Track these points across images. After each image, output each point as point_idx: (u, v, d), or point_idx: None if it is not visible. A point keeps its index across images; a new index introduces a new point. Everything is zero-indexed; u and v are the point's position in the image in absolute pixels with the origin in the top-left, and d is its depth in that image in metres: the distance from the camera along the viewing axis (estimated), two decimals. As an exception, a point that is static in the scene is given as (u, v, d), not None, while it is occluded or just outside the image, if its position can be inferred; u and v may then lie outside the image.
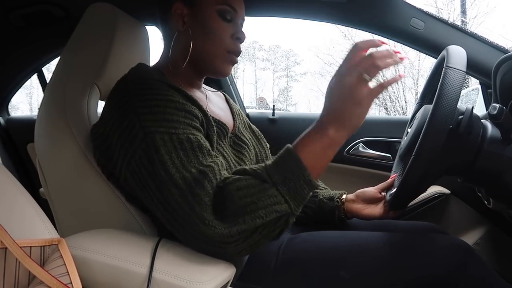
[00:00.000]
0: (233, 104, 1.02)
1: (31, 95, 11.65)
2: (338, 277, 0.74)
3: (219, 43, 0.81)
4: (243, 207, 0.61)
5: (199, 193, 0.61)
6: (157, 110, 0.68)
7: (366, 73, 0.63)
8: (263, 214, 0.60)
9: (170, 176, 0.63)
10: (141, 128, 0.66)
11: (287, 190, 0.62)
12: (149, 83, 0.72)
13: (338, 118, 0.64)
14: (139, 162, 0.66)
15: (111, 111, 0.73)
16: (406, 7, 1.19)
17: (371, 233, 0.84)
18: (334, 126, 0.64)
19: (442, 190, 1.43)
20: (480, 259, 0.74)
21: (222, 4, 0.80)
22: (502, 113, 0.74)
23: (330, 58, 10.92)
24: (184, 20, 0.81)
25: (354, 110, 0.64)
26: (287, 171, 0.63)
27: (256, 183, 0.62)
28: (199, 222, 0.60)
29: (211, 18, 0.80)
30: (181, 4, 0.81)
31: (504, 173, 0.77)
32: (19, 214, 0.62)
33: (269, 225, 0.62)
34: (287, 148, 0.65)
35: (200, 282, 0.59)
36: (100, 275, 0.62)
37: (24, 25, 1.33)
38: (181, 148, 0.65)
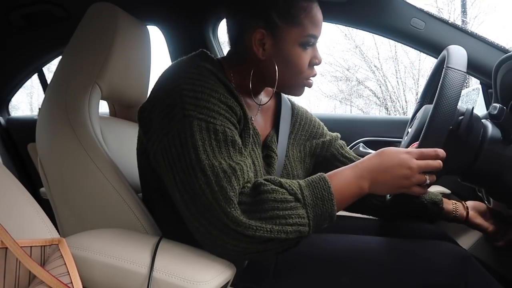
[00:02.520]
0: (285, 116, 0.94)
1: (32, 95, 11.65)
2: (338, 282, 0.74)
3: (299, 74, 0.80)
4: (274, 218, 0.62)
5: (226, 187, 0.62)
6: (201, 96, 0.69)
7: (428, 181, 0.72)
8: (289, 230, 0.63)
9: (199, 161, 0.64)
10: (181, 109, 0.67)
11: (314, 215, 0.65)
12: (201, 70, 0.73)
13: (379, 182, 0.70)
14: (171, 140, 0.67)
15: (158, 89, 0.74)
16: (407, 7, 1.19)
17: (371, 238, 0.84)
18: (370, 184, 0.70)
19: (443, 190, 1.42)
20: (481, 268, 0.74)
21: (306, 36, 0.77)
22: (502, 113, 0.74)
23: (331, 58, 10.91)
24: (263, 48, 0.78)
25: (394, 188, 0.72)
26: (318, 198, 0.65)
27: (290, 200, 0.64)
28: (222, 215, 0.61)
29: (293, 51, 0.77)
30: (263, 32, 0.76)
31: (504, 173, 0.77)
32: (19, 214, 0.62)
33: (286, 242, 0.64)
34: (323, 177, 0.68)
35: (201, 282, 0.59)
36: (101, 275, 0.62)
37: (24, 25, 1.33)
38: (215, 139, 0.66)
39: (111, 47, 0.88)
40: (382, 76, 10.78)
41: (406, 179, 0.70)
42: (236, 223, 0.61)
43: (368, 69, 10.96)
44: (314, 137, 0.98)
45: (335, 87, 12.29)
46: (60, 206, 0.86)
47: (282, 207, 0.63)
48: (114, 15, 0.90)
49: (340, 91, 12.28)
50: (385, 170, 0.70)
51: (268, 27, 0.76)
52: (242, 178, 0.65)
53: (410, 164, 0.69)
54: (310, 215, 0.64)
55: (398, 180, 0.70)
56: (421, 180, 0.70)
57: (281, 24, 0.76)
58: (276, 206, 0.63)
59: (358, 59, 11.09)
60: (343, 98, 12.27)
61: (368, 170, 0.71)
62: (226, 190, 0.62)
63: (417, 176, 0.70)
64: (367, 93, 11.41)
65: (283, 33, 0.76)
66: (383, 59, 10.73)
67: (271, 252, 0.66)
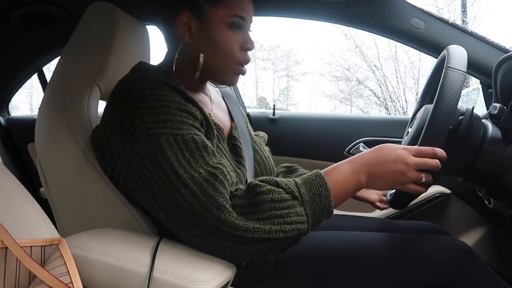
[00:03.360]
0: (231, 101, 0.98)
1: (32, 95, 11.67)
2: (337, 278, 0.74)
3: (229, 57, 0.78)
4: (271, 218, 0.62)
5: (213, 195, 0.62)
6: (160, 111, 0.67)
7: (425, 180, 0.71)
8: (288, 229, 0.62)
9: (178, 177, 0.63)
10: (144, 129, 0.66)
11: (312, 212, 0.64)
12: (150, 83, 0.71)
13: (376, 176, 0.70)
14: (141, 163, 0.66)
15: (112, 112, 0.72)
16: (407, 6, 1.19)
17: (371, 234, 0.84)
18: (367, 178, 0.70)
19: (443, 190, 1.43)
20: (481, 261, 0.74)
21: (232, 16, 0.77)
22: (502, 113, 0.74)
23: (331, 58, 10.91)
24: (191, 31, 0.78)
25: (390, 183, 0.71)
26: (315, 195, 0.65)
27: (287, 198, 0.64)
28: (218, 223, 0.61)
29: (220, 31, 0.77)
30: (189, 14, 0.77)
31: (504, 172, 0.77)
32: (19, 213, 0.62)
33: (285, 240, 0.64)
34: (319, 174, 0.68)
35: (201, 282, 0.59)
36: (101, 274, 0.62)
37: (24, 24, 1.33)
38: (187, 149, 0.65)
39: (110, 47, 0.88)
40: (382, 76, 10.79)
41: (401, 174, 0.69)
42: (233, 227, 0.61)
43: (368, 69, 10.97)
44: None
45: (335, 87, 12.31)
46: (59, 206, 0.86)
47: (279, 207, 0.63)
48: (113, 15, 0.89)
49: (340, 91, 12.30)
50: (381, 164, 0.70)
51: (193, 9, 0.77)
52: (226, 180, 0.64)
53: (406, 160, 0.69)
54: (308, 212, 0.64)
55: (393, 175, 0.69)
56: (417, 177, 0.70)
57: (205, 5, 0.76)
58: (274, 206, 0.63)
59: (358, 59, 11.12)
60: (343, 98, 12.29)
61: (365, 164, 0.70)
62: (214, 198, 0.62)
63: (413, 173, 0.69)
64: (367, 93, 11.42)
65: (208, 14, 0.76)
66: (383, 59, 10.75)
67: (271, 251, 0.66)
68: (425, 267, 0.72)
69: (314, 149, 1.54)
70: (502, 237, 1.38)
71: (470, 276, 0.70)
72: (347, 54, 11.49)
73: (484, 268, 0.73)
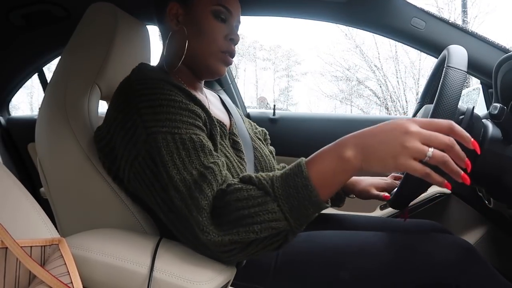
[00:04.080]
0: (229, 104, 1.01)
1: (32, 95, 11.67)
2: (338, 278, 0.74)
3: (213, 43, 0.81)
4: (239, 219, 0.59)
5: (197, 197, 0.61)
6: (160, 110, 0.67)
7: (433, 155, 0.53)
8: (257, 229, 0.58)
9: (170, 179, 0.63)
10: (144, 128, 0.66)
11: (289, 208, 0.58)
12: (151, 83, 0.72)
13: (365, 147, 0.56)
14: (142, 163, 0.66)
15: (114, 113, 0.72)
16: (407, 6, 1.19)
17: (371, 233, 0.84)
18: (355, 152, 0.57)
19: (443, 190, 1.43)
20: (482, 259, 0.73)
21: (216, 4, 0.81)
22: (503, 113, 0.74)
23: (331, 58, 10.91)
24: (178, 19, 0.82)
25: (386, 157, 0.54)
26: (291, 188, 0.58)
27: (257, 195, 0.59)
28: (195, 226, 0.60)
29: (205, 18, 0.81)
30: (176, 3, 0.82)
31: (504, 173, 0.77)
32: (19, 213, 0.62)
33: (265, 240, 0.60)
34: (299, 163, 0.60)
35: (201, 282, 0.59)
36: (101, 274, 0.62)
37: (24, 24, 1.33)
38: (183, 148, 0.65)
39: (111, 47, 0.88)
40: (382, 76, 10.78)
41: (399, 145, 0.53)
42: (206, 232, 0.59)
43: (369, 69, 10.97)
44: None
45: (335, 87, 12.32)
46: (59, 206, 0.86)
47: (246, 206, 0.59)
48: (113, 15, 0.90)
49: (340, 91, 12.30)
50: (373, 135, 0.57)
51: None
52: (215, 181, 0.63)
53: (408, 128, 0.54)
54: (284, 208, 0.58)
55: (389, 146, 0.54)
56: (422, 151, 0.53)
57: None
58: (240, 205, 0.59)
59: (358, 59, 11.12)
60: (344, 98, 12.29)
61: (353, 136, 0.59)
62: (198, 200, 0.61)
63: (416, 144, 0.53)
64: (367, 93, 11.42)
65: (194, 2, 0.81)
66: (383, 58, 10.76)
67: (262, 252, 0.62)
68: (426, 266, 0.72)
69: (314, 149, 1.53)
70: (502, 237, 1.38)
71: (472, 274, 0.70)
72: (348, 54, 11.51)
73: (486, 266, 0.73)
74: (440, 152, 0.53)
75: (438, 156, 0.53)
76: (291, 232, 0.60)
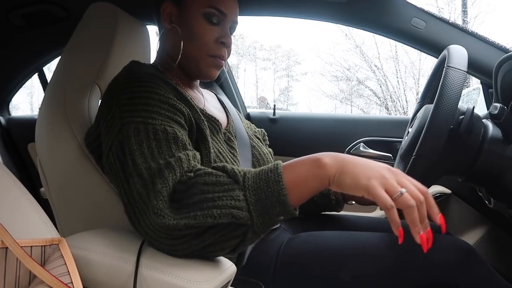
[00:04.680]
0: (227, 104, 1.01)
1: (32, 95, 11.67)
2: (337, 278, 0.74)
3: (202, 47, 0.80)
4: (199, 202, 0.56)
5: (157, 182, 0.58)
6: (139, 101, 0.67)
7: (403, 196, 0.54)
8: (216, 214, 0.55)
9: (135, 166, 0.61)
10: (119, 119, 0.66)
11: (255, 200, 0.56)
12: (138, 77, 0.72)
13: (343, 161, 0.57)
14: (114, 153, 0.65)
15: (101, 107, 0.74)
16: (407, 6, 1.19)
17: (371, 234, 0.84)
18: (331, 160, 0.57)
19: (443, 190, 1.43)
20: (482, 260, 0.74)
21: (208, 7, 0.79)
22: (503, 113, 0.74)
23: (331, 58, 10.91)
24: (171, 19, 0.82)
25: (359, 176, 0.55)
26: (262, 181, 0.57)
27: (226, 182, 0.57)
28: (150, 211, 0.57)
29: (196, 21, 0.80)
30: (170, 3, 0.82)
31: (504, 172, 0.77)
32: (19, 213, 0.62)
33: (222, 230, 0.56)
34: (276, 162, 0.60)
35: (201, 281, 0.59)
36: (101, 274, 0.62)
37: (24, 24, 1.33)
38: (154, 139, 0.63)
39: (111, 47, 0.88)
40: (382, 76, 10.78)
41: (377, 173, 0.55)
42: (161, 215, 0.56)
43: (369, 69, 10.97)
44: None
45: (335, 86, 12.31)
46: (59, 206, 0.86)
47: (212, 190, 0.56)
48: (113, 15, 0.90)
49: (340, 91, 12.30)
50: (357, 159, 0.58)
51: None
52: (180, 167, 0.60)
53: (392, 169, 0.57)
54: (250, 199, 0.56)
55: (368, 169, 0.56)
56: (396, 186, 0.54)
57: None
58: (206, 189, 0.57)
59: (358, 59, 11.12)
60: (344, 98, 12.29)
61: (336, 153, 0.59)
62: (157, 186, 0.58)
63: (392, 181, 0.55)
64: (367, 93, 11.42)
65: (187, 3, 0.81)
66: (383, 58, 10.75)
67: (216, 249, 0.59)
68: (426, 266, 0.72)
69: (315, 149, 1.52)
70: (503, 237, 1.38)
71: (471, 275, 0.70)
72: (348, 54, 11.52)
73: (485, 267, 0.73)
74: (410, 197, 0.54)
75: (407, 199, 0.54)
76: (251, 229, 0.57)
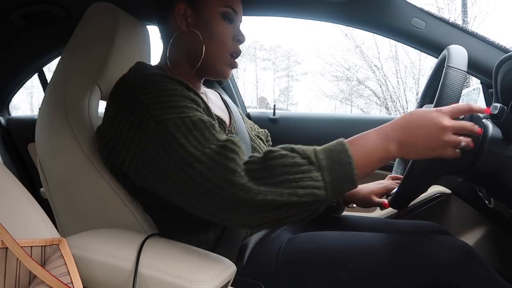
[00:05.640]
0: (230, 103, 1.02)
1: (32, 95, 11.67)
2: (338, 278, 0.74)
3: (223, 45, 0.83)
4: (284, 182, 0.61)
5: (224, 162, 0.61)
6: (164, 99, 0.69)
7: (464, 143, 0.66)
8: (301, 193, 0.60)
9: (191, 155, 0.63)
10: (151, 118, 0.67)
11: (331, 179, 0.62)
12: (150, 77, 0.73)
13: (408, 144, 0.66)
14: (152, 151, 0.66)
15: (116, 109, 0.72)
16: (407, 6, 1.19)
17: (371, 234, 0.84)
18: (398, 147, 0.66)
19: (443, 190, 1.43)
20: (481, 261, 0.74)
21: (225, 6, 0.82)
22: (503, 113, 0.74)
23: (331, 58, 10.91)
24: (187, 21, 0.82)
25: (426, 150, 0.66)
26: (335, 161, 0.62)
27: (302, 163, 0.62)
28: (231, 188, 0.60)
29: (215, 20, 0.81)
30: (185, 4, 0.81)
31: (505, 172, 0.77)
32: (19, 213, 0.62)
33: (301, 206, 0.61)
34: (340, 141, 0.65)
35: (201, 281, 0.59)
36: (101, 274, 0.62)
37: (24, 24, 1.33)
38: (196, 129, 0.66)
39: (111, 47, 0.88)
40: (382, 76, 10.78)
41: (437, 140, 0.65)
42: (245, 190, 0.60)
43: (369, 69, 10.97)
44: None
45: (335, 87, 12.32)
46: (59, 206, 0.86)
47: (293, 171, 0.61)
48: (113, 15, 0.90)
49: (340, 91, 12.30)
50: (414, 132, 0.66)
51: (189, 0, 0.81)
52: (238, 147, 0.64)
53: (442, 123, 0.65)
54: (326, 178, 0.61)
55: (429, 142, 0.65)
56: (456, 142, 0.65)
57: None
58: (286, 170, 0.61)
59: (358, 59, 11.11)
60: (344, 98, 12.29)
61: (396, 131, 0.66)
62: (226, 165, 0.61)
63: (451, 137, 0.65)
64: (367, 93, 11.42)
65: (202, 4, 0.81)
66: (383, 58, 10.75)
67: (290, 219, 0.63)
68: (426, 267, 0.72)
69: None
70: (503, 237, 1.38)
71: (471, 276, 0.70)
72: (348, 54, 11.52)
73: (485, 267, 0.73)
74: (467, 138, 0.66)
75: (467, 142, 0.67)
76: (323, 204, 0.63)
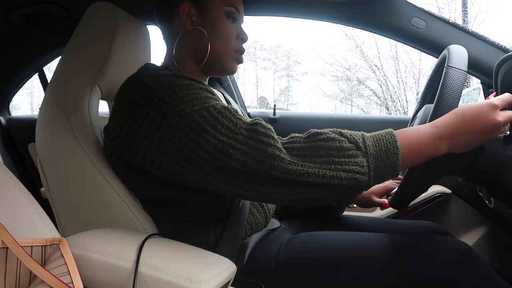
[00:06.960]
0: (233, 103, 1.02)
1: (32, 95, 11.67)
2: (338, 278, 0.74)
3: (228, 43, 0.84)
4: (328, 163, 0.61)
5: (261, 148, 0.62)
6: (183, 94, 0.69)
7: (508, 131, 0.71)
8: (344, 176, 0.61)
9: (223, 143, 0.64)
10: (175, 112, 0.67)
11: (375, 166, 0.62)
12: (163, 76, 0.74)
13: (460, 142, 0.67)
14: (178, 144, 0.66)
15: (129, 108, 0.71)
16: (407, 6, 1.19)
17: (371, 234, 0.84)
18: (449, 145, 0.67)
19: (443, 190, 1.43)
20: (481, 261, 0.74)
21: (229, 5, 0.83)
22: (503, 113, 0.74)
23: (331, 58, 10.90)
24: (192, 20, 0.82)
25: (477, 144, 0.69)
26: (382, 151, 0.63)
27: (349, 147, 0.63)
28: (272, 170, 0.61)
29: (219, 19, 0.83)
30: (189, 4, 0.82)
31: (505, 172, 0.77)
32: (20, 213, 0.62)
33: (341, 189, 0.62)
34: (390, 131, 0.66)
35: (201, 281, 0.59)
36: (102, 274, 0.62)
37: (25, 24, 1.33)
38: (222, 116, 0.66)
39: (111, 47, 0.88)
40: (382, 76, 10.78)
41: (491, 134, 0.68)
42: (287, 173, 0.61)
43: (369, 69, 10.97)
44: None
45: (335, 86, 12.32)
46: (60, 206, 0.86)
47: (339, 155, 0.62)
48: (114, 15, 0.90)
49: (340, 91, 12.30)
50: (467, 128, 0.67)
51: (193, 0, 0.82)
52: (269, 129, 0.65)
53: (499, 120, 0.67)
54: (371, 166, 0.62)
55: (482, 136, 0.68)
56: (503, 132, 0.70)
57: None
58: (332, 153, 0.62)
59: (358, 58, 11.11)
60: (344, 98, 12.29)
61: (450, 131, 0.67)
62: (264, 150, 0.62)
63: (502, 129, 0.69)
64: (367, 92, 11.42)
65: (207, 2, 0.83)
66: (383, 58, 10.74)
67: (328, 199, 0.64)
68: (426, 267, 0.72)
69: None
70: (503, 237, 1.38)
71: (471, 276, 0.70)
72: (348, 54, 11.50)
73: (485, 268, 0.73)
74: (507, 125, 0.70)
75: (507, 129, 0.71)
76: (362, 189, 0.64)
